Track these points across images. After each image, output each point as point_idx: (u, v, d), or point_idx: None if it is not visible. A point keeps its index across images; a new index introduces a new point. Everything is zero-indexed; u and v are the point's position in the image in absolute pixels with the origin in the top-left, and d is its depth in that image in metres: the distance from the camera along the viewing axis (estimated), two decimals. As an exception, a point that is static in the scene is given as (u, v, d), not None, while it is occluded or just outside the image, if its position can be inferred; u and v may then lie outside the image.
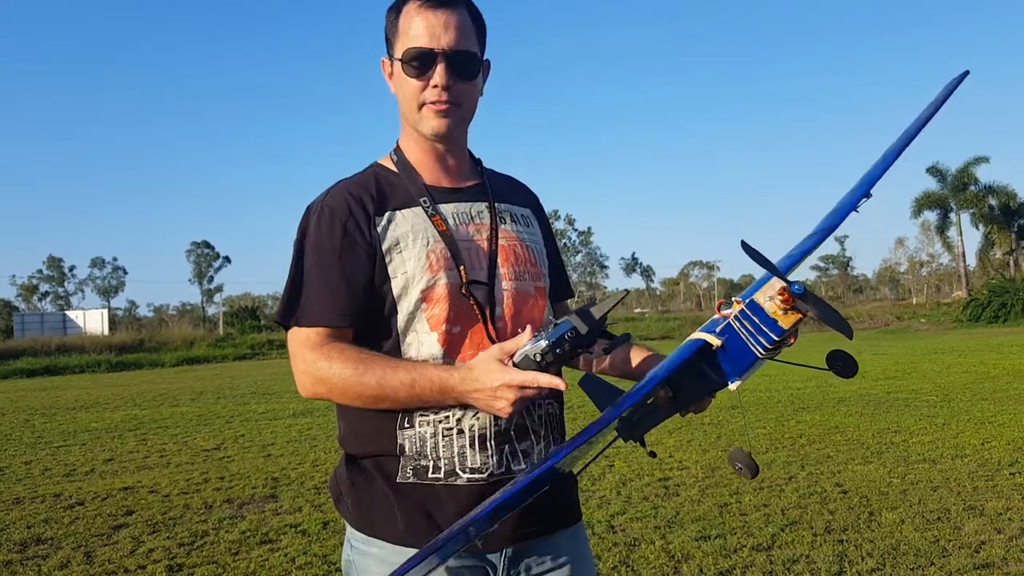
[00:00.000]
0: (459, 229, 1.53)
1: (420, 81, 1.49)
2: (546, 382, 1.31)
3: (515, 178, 1.74)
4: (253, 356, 28.58)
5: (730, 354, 1.34)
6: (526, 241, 1.60)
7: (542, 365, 1.33)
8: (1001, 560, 4.08)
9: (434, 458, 1.46)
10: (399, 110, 1.58)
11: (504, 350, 1.36)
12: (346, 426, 1.55)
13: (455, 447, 1.46)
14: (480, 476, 1.46)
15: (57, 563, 4.56)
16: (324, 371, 1.44)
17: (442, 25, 1.48)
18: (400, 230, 1.50)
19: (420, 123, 1.53)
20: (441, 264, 1.48)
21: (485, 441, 1.47)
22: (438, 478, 1.46)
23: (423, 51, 1.48)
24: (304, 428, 9.60)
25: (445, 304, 1.47)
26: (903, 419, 8.55)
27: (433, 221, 1.50)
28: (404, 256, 1.48)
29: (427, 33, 1.48)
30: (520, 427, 1.50)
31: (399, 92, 1.55)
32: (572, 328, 1.32)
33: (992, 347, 18.75)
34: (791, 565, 4.10)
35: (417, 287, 1.47)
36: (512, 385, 1.32)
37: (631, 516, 5.05)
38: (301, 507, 5.64)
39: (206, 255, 73.67)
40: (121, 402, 13.95)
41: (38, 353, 28.00)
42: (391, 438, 1.48)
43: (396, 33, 1.52)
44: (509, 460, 1.48)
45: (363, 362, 1.42)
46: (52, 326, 48.72)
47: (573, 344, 1.33)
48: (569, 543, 1.58)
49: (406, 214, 1.51)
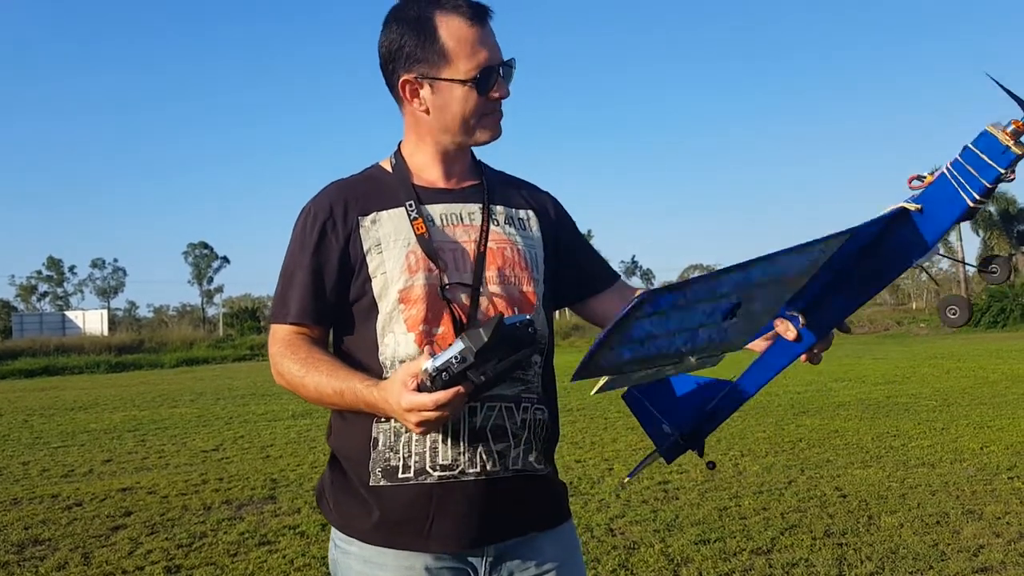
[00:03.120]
0: (445, 230, 1.53)
1: (483, 98, 1.50)
2: (442, 398, 1.27)
3: (523, 180, 1.73)
4: (253, 357, 28.63)
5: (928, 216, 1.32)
6: (518, 244, 1.58)
7: (432, 390, 1.28)
8: (999, 564, 4.08)
9: (404, 455, 1.47)
10: (428, 124, 1.54)
11: (408, 371, 1.32)
12: (332, 419, 1.59)
13: (427, 442, 1.47)
14: (451, 473, 1.46)
15: (55, 564, 4.55)
16: (280, 366, 1.51)
17: (492, 37, 1.51)
18: (383, 231, 1.51)
19: (477, 136, 1.54)
20: (420, 265, 1.49)
21: (458, 438, 1.47)
22: (408, 478, 1.47)
23: (490, 68, 1.49)
24: (303, 430, 9.60)
25: (422, 305, 1.47)
26: (902, 423, 8.55)
27: (414, 224, 1.51)
28: (384, 256, 1.50)
29: (487, 49, 1.49)
30: (498, 428, 1.49)
31: (446, 110, 1.51)
32: (461, 350, 1.26)
33: (991, 352, 18.76)
34: (790, 569, 4.10)
35: (395, 287, 1.48)
36: (410, 408, 1.30)
37: (630, 519, 5.05)
38: (300, 508, 5.63)
39: (204, 256, 73.64)
40: (120, 403, 13.95)
41: (37, 353, 28.02)
42: (366, 431, 1.50)
43: (440, 53, 1.48)
44: (483, 459, 1.47)
45: (307, 364, 1.47)
46: (51, 326, 48.74)
47: (461, 368, 1.26)
48: (554, 546, 1.56)
49: (392, 214, 1.53)
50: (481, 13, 1.50)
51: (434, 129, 1.54)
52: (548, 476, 1.59)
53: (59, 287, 74.48)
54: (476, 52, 1.48)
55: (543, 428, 1.57)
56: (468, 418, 1.46)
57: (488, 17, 1.51)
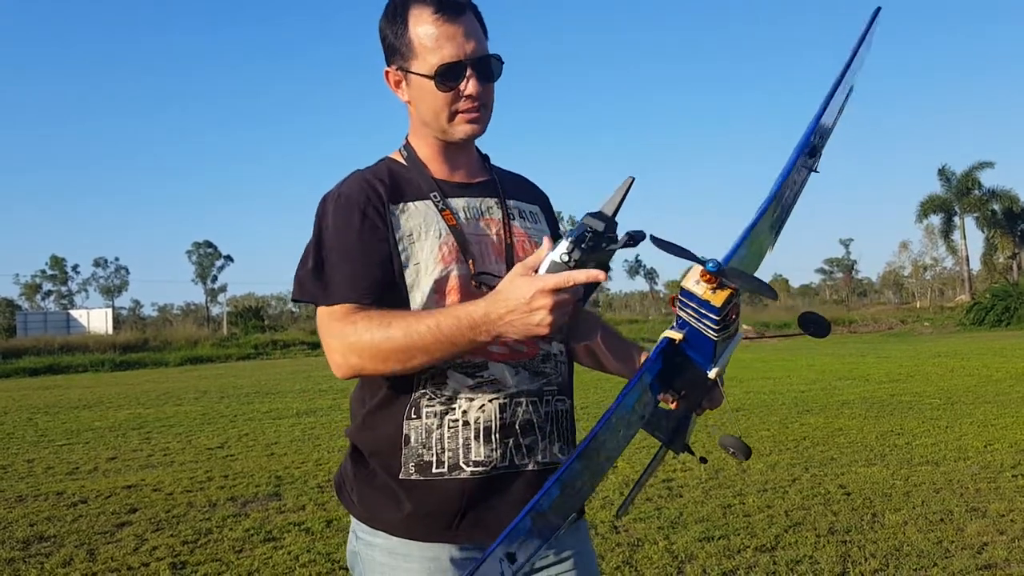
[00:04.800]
0: (470, 223, 1.54)
1: (451, 93, 1.49)
2: (583, 277, 1.24)
3: (522, 175, 1.76)
4: (257, 356, 28.61)
5: (693, 343, 1.35)
6: (534, 237, 1.61)
7: (570, 266, 1.27)
8: (1004, 561, 4.08)
9: (438, 451, 1.48)
10: (416, 116, 1.56)
11: (526, 265, 1.29)
12: (359, 416, 1.56)
13: (460, 439, 1.47)
14: (483, 469, 1.48)
15: (60, 561, 4.57)
16: (351, 336, 1.40)
17: (463, 34, 1.48)
18: (413, 221, 1.51)
19: (451, 131, 1.53)
20: (453, 256, 1.49)
21: (490, 434, 1.48)
22: (442, 472, 1.47)
23: (454, 64, 1.47)
24: (308, 427, 9.62)
25: (457, 295, 1.48)
26: (906, 422, 8.55)
27: (443, 215, 1.52)
28: (417, 247, 1.49)
29: (452, 45, 1.46)
30: (526, 422, 1.51)
31: (421, 103, 1.52)
32: (588, 227, 1.26)
33: (995, 351, 18.71)
34: (794, 566, 4.10)
35: (430, 277, 1.48)
36: (546, 290, 1.24)
37: (634, 517, 5.05)
38: (304, 505, 5.65)
39: (208, 255, 73.76)
40: (125, 401, 13.97)
41: (41, 352, 28.05)
42: (398, 427, 1.50)
43: (409, 46, 1.49)
44: (513, 454, 1.50)
45: (386, 317, 1.39)
46: (55, 325, 48.79)
47: (594, 240, 1.26)
48: (572, 537, 1.59)
49: (418, 206, 1.53)
50: (452, 6, 1.47)
51: (425, 121, 1.55)
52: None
53: (63, 286, 74.66)
54: (439, 47, 1.46)
55: (566, 418, 1.59)
56: (499, 414, 1.48)
57: (463, 10, 1.48)
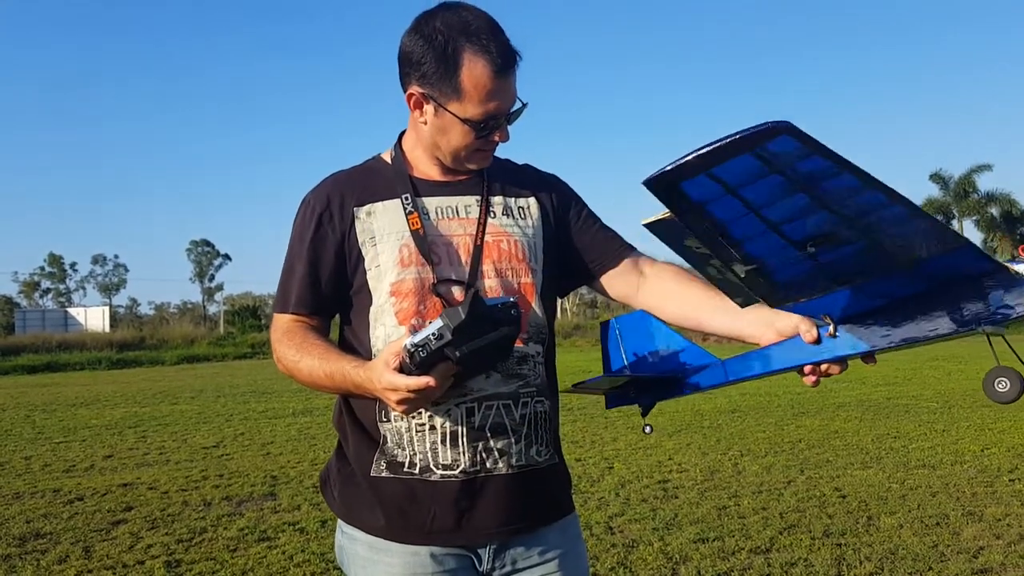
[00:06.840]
0: (440, 224, 1.54)
1: (481, 139, 1.51)
2: (414, 384, 1.30)
3: (525, 165, 1.71)
4: (253, 355, 28.62)
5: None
6: (515, 236, 1.57)
7: (412, 367, 1.29)
8: (999, 566, 4.09)
9: (410, 453, 1.49)
10: (427, 136, 1.54)
11: (391, 350, 1.35)
12: (340, 403, 1.61)
13: (427, 443, 1.49)
14: (452, 472, 1.48)
15: (56, 557, 4.57)
16: (279, 352, 1.55)
17: (512, 85, 1.50)
18: (378, 223, 1.53)
19: (463, 163, 1.56)
20: (413, 259, 1.50)
21: (457, 438, 1.48)
22: (413, 473, 1.49)
23: (500, 116, 1.49)
24: (304, 427, 9.61)
25: (414, 299, 1.50)
26: (903, 425, 8.56)
27: (409, 218, 1.52)
28: (379, 249, 1.52)
29: (499, 102, 1.48)
30: (497, 425, 1.50)
31: (442, 135, 1.52)
32: (439, 327, 1.26)
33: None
34: (789, 568, 4.10)
35: (387, 280, 1.51)
36: (390, 389, 1.34)
37: (630, 518, 5.05)
38: (300, 505, 5.64)
39: (206, 253, 73.67)
40: (121, 399, 13.96)
41: (39, 350, 28.01)
42: (373, 428, 1.53)
43: (455, 88, 1.46)
44: (483, 457, 1.49)
45: (301, 349, 1.51)
46: (53, 323, 48.73)
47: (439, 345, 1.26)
48: (557, 537, 1.58)
49: (387, 206, 1.54)
50: (508, 62, 1.47)
51: (427, 142, 1.55)
52: (552, 467, 1.59)
53: (61, 283, 74.56)
54: (489, 100, 1.47)
55: (545, 420, 1.57)
56: (466, 418, 1.47)
57: (514, 65, 1.49)
